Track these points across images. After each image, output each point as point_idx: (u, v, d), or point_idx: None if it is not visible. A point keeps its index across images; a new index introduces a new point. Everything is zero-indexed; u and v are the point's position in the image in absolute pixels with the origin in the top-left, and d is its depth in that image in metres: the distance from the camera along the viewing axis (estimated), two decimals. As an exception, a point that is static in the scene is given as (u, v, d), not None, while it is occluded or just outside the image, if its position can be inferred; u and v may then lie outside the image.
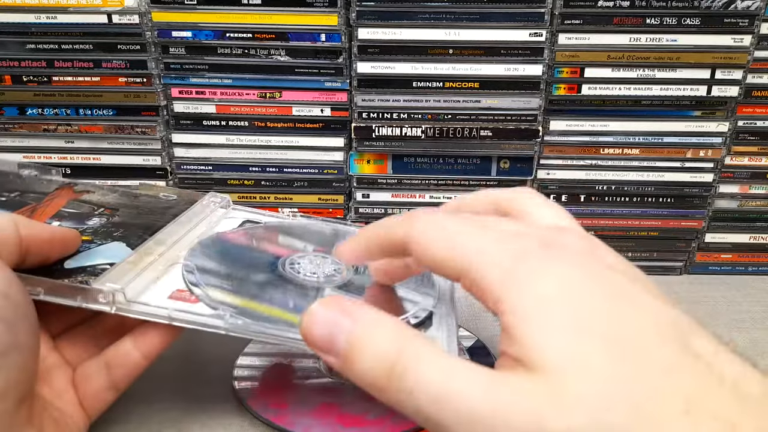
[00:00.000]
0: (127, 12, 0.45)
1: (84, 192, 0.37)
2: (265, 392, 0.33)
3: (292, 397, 0.33)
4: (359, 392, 0.31)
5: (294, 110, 0.48)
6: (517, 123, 0.47)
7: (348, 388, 0.33)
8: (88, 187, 0.38)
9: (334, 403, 0.32)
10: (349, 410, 0.32)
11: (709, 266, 0.53)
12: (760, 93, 0.47)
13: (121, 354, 0.28)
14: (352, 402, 0.32)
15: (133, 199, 0.38)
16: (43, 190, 0.37)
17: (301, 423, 0.31)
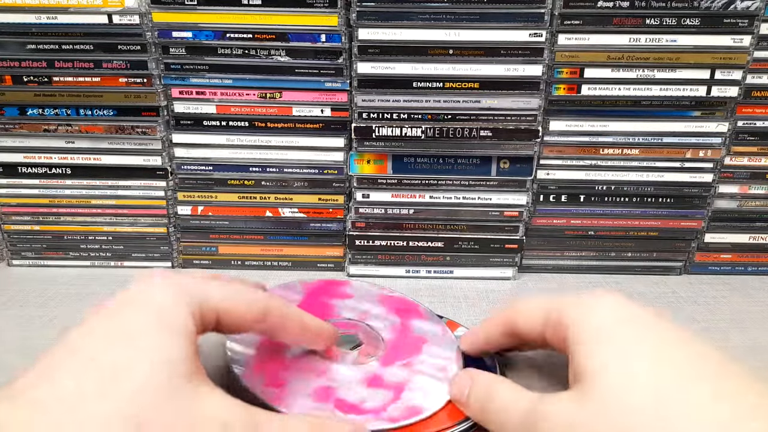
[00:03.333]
0: (128, 12, 0.45)
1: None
2: (260, 372, 0.33)
3: (288, 377, 0.33)
4: (354, 376, 0.33)
5: (294, 110, 0.48)
6: (517, 123, 0.47)
7: (341, 371, 0.33)
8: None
9: (330, 387, 0.32)
10: (346, 396, 0.31)
11: (708, 266, 0.54)
12: (760, 93, 0.47)
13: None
14: (348, 387, 0.32)
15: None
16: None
17: (298, 405, 0.30)
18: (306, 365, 0.33)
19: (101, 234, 0.52)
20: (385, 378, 0.33)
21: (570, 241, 0.53)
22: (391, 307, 0.40)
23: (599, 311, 0.26)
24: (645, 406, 0.22)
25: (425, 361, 0.35)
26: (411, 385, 0.33)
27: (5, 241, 0.53)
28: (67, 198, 0.51)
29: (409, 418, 0.31)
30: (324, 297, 0.40)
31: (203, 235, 0.52)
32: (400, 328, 0.38)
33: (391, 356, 0.35)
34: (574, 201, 0.51)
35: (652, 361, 0.23)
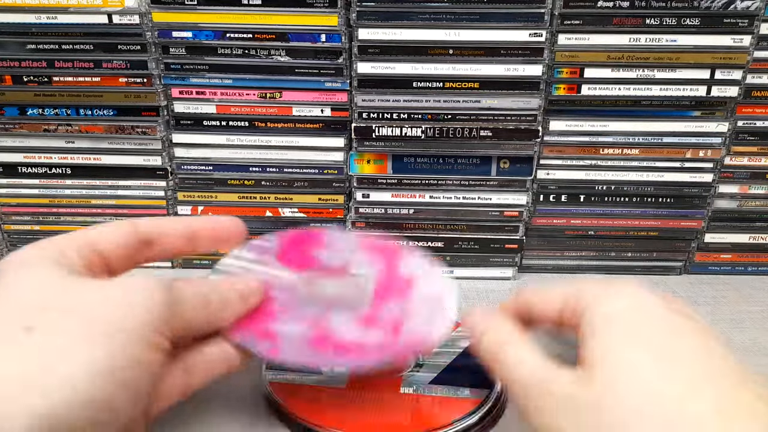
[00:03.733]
0: (128, 12, 0.45)
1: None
2: (247, 328, 0.31)
3: (279, 329, 0.31)
4: (346, 319, 0.32)
5: (294, 110, 0.48)
6: (517, 123, 0.47)
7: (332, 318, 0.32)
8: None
9: (324, 334, 0.31)
10: (344, 338, 0.31)
11: (708, 266, 0.54)
12: (760, 93, 0.47)
13: (205, 362, 0.29)
14: (344, 331, 0.31)
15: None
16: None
17: (296, 355, 0.30)
18: (295, 315, 0.32)
19: (101, 234, 0.52)
20: (381, 316, 0.32)
21: (570, 241, 0.53)
22: (372, 251, 0.38)
23: (615, 299, 0.27)
24: (640, 401, 0.22)
25: (418, 297, 0.34)
26: (410, 321, 0.32)
27: (5, 241, 0.53)
28: (67, 198, 0.51)
29: (414, 351, 0.31)
30: (302, 247, 0.38)
31: (203, 235, 0.52)
32: (386, 270, 0.36)
33: (382, 294, 0.34)
34: (574, 201, 0.51)
35: (655, 354, 0.23)
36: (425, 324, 0.31)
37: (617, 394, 0.23)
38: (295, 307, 0.33)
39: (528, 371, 0.27)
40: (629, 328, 0.25)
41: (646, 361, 0.23)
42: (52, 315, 0.23)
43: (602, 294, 0.27)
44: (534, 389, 0.26)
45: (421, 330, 0.31)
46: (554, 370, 0.26)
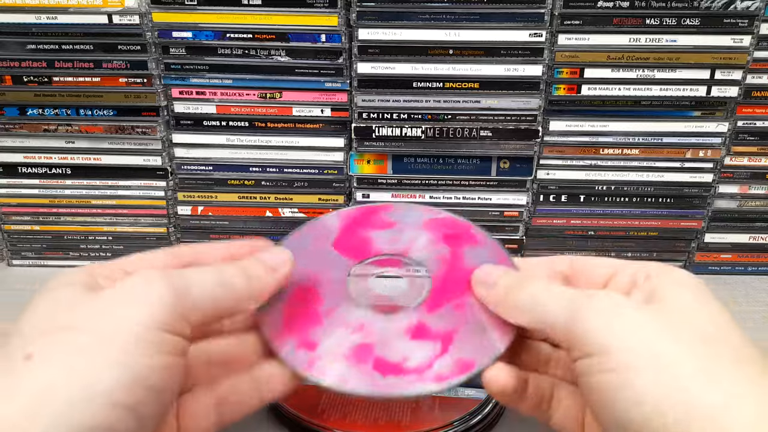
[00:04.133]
0: (128, 12, 0.45)
1: None
2: (289, 332, 0.28)
3: (320, 336, 0.28)
4: (395, 327, 0.28)
5: (294, 110, 0.48)
6: (517, 123, 0.47)
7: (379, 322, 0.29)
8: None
9: (368, 344, 0.28)
10: (386, 354, 0.28)
11: (708, 266, 0.54)
12: (760, 93, 0.47)
13: (237, 393, 0.27)
14: (389, 342, 0.28)
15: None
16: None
17: (333, 372, 0.27)
18: (339, 318, 0.29)
19: (101, 234, 0.52)
20: (432, 326, 0.29)
21: (570, 241, 0.53)
22: (438, 233, 0.34)
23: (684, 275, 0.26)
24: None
25: (479, 304, 0.30)
26: (461, 334, 0.28)
27: (5, 241, 0.53)
28: (67, 198, 0.51)
29: (460, 375, 0.27)
30: (361, 229, 0.34)
31: (203, 235, 0.52)
32: (450, 259, 0.32)
33: (438, 297, 0.30)
34: (574, 201, 0.51)
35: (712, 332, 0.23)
36: (475, 348, 0.27)
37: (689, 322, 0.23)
38: (342, 308, 0.30)
39: (567, 296, 0.25)
40: (698, 294, 0.25)
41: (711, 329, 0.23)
42: (51, 337, 0.21)
43: (668, 268, 0.27)
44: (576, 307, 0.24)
45: (468, 356, 0.27)
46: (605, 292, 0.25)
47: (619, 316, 0.23)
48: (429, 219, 0.34)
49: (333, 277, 0.31)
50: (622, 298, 0.25)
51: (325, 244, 0.33)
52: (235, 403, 0.27)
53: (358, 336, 0.28)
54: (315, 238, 0.33)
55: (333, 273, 0.31)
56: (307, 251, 0.32)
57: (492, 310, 0.28)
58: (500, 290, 0.28)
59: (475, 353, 0.27)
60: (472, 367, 0.27)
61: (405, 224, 0.34)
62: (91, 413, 0.20)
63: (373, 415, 0.33)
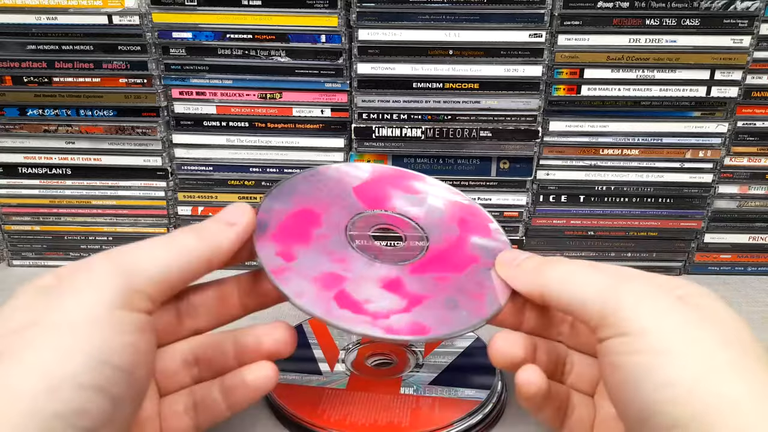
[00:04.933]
0: (128, 13, 0.45)
1: None
2: (277, 239, 0.30)
3: (302, 253, 0.29)
4: (373, 273, 0.30)
5: (294, 111, 0.48)
6: (517, 123, 0.47)
7: (361, 264, 0.30)
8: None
9: (341, 276, 0.29)
10: (353, 291, 0.29)
11: (708, 266, 0.54)
12: (760, 94, 0.47)
13: (209, 400, 0.28)
14: (360, 282, 0.29)
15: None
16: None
17: (296, 285, 0.28)
18: (327, 246, 0.30)
19: (101, 234, 0.53)
20: (407, 285, 0.30)
21: (570, 242, 0.53)
22: (456, 215, 0.35)
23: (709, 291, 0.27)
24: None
25: (463, 285, 0.31)
26: (431, 302, 0.29)
27: (5, 242, 0.53)
28: (67, 198, 0.51)
29: (410, 334, 0.27)
30: (389, 186, 0.35)
31: (203, 235, 0.52)
32: (455, 240, 0.33)
33: (427, 265, 0.31)
34: (573, 201, 0.51)
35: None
36: (436, 320, 0.28)
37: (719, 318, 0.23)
38: (333, 239, 0.31)
39: (600, 277, 0.26)
40: (723, 303, 0.25)
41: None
42: (12, 337, 0.21)
43: (690, 282, 0.27)
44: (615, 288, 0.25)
45: (427, 323, 0.28)
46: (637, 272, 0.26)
47: (654, 298, 0.24)
48: (453, 201, 0.36)
49: (341, 212, 0.33)
50: (657, 282, 0.25)
51: (348, 187, 0.34)
52: (208, 408, 0.28)
53: (336, 266, 0.30)
54: (341, 178, 0.35)
55: (343, 210, 0.33)
56: (329, 185, 0.34)
57: (518, 290, 0.29)
58: (529, 268, 0.29)
59: (434, 323, 0.28)
60: (424, 333, 0.27)
61: (428, 196, 0.35)
62: (61, 399, 0.20)
63: (373, 416, 0.33)
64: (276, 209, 0.31)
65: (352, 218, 0.33)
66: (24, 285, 0.24)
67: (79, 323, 0.22)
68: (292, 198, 0.33)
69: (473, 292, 0.30)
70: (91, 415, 0.21)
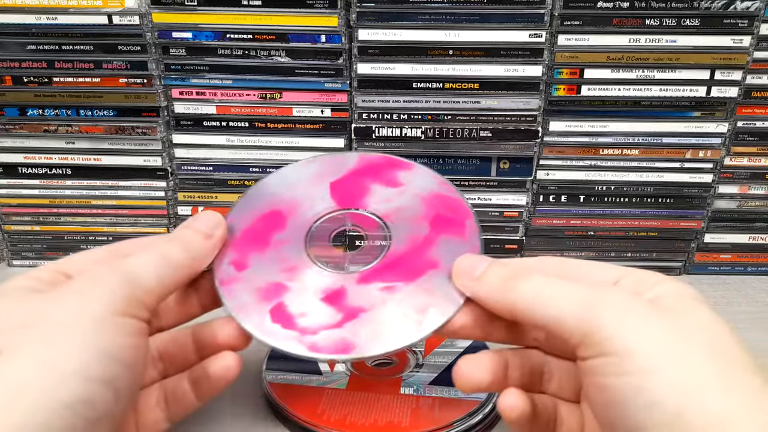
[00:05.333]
0: (128, 13, 0.45)
1: None
2: (239, 242, 0.30)
3: (255, 262, 0.30)
4: (319, 283, 0.29)
5: (294, 111, 0.48)
6: (517, 123, 0.47)
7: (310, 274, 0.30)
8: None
9: (284, 287, 0.29)
10: (290, 303, 0.29)
11: (708, 266, 0.54)
12: (760, 94, 0.47)
13: (179, 393, 0.29)
14: (301, 294, 0.29)
15: None
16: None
17: (238, 297, 0.28)
18: (281, 253, 0.30)
19: (101, 234, 0.53)
20: (349, 297, 0.29)
21: (570, 242, 0.53)
22: (432, 210, 0.32)
23: (688, 288, 0.27)
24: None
25: (411, 293, 0.28)
26: (369, 315, 0.28)
27: (5, 242, 0.53)
28: (67, 198, 0.51)
29: (332, 353, 0.27)
30: (368, 178, 0.34)
31: (203, 235, 0.52)
32: (421, 241, 0.31)
33: (378, 273, 0.30)
34: (573, 201, 0.51)
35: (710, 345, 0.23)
36: (369, 336, 0.27)
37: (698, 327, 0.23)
38: (290, 245, 0.31)
39: (581, 292, 0.24)
40: (703, 306, 0.25)
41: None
42: (13, 334, 0.22)
43: (671, 280, 0.26)
44: (595, 301, 0.23)
45: (355, 340, 0.27)
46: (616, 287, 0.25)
47: (636, 314, 0.23)
48: (435, 194, 0.33)
49: (308, 212, 0.32)
50: (637, 298, 0.24)
51: (325, 180, 0.34)
52: (178, 400, 0.29)
53: (283, 276, 0.30)
54: (323, 171, 0.34)
55: (311, 209, 0.33)
56: (309, 180, 0.34)
57: (483, 304, 0.27)
58: (493, 282, 0.26)
59: (365, 339, 0.27)
60: (347, 351, 0.27)
61: (409, 188, 0.33)
62: (69, 390, 0.21)
63: (373, 416, 0.33)
64: (246, 212, 0.33)
65: (318, 220, 0.32)
66: (8, 281, 0.25)
67: (86, 322, 0.23)
68: (266, 198, 0.33)
69: (419, 305, 0.28)
70: (96, 405, 0.22)
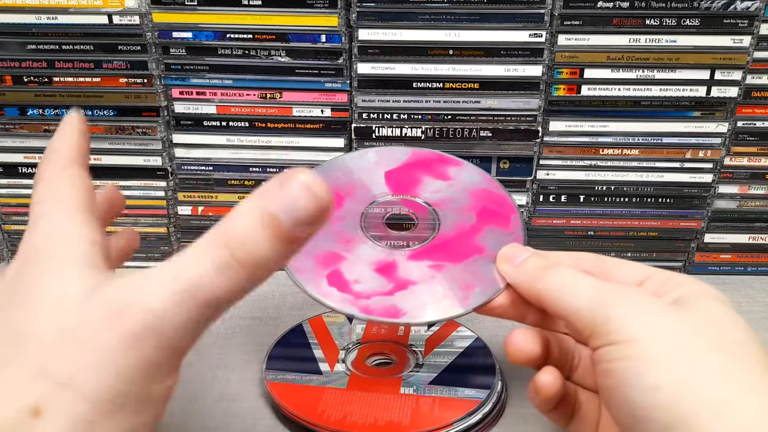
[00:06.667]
0: (128, 13, 0.45)
1: None
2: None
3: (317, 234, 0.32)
4: (371, 255, 0.32)
5: (294, 111, 0.48)
6: (517, 123, 0.47)
7: (364, 247, 0.32)
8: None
9: (340, 256, 0.31)
10: (346, 270, 0.31)
11: (708, 266, 0.54)
12: (760, 93, 0.47)
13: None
14: (355, 263, 0.31)
15: None
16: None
17: (299, 261, 0.30)
18: (338, 226, 0.33)
19: (101, 234, 0.52)
20: (399, 270, 0.31)
21: (570, 241, 0.53)
22: (479, 203, 0.35)
23: (710, 288, 0.27)
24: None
25: (458, 273, 0.31)
26: (417, 288, 0.30)
27: (5, 241, 0.53)
28: (67, 198, 0.51)
29: (382, 316, 0.29)
30: (419, 171, 0.37)
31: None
32: (468, 229, 0.34)
33: (427, 252, 0.33)
34: (574, 201, 0.51)
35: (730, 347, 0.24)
36: (416, 306, 0.30)
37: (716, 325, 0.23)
38: (347, 221, 0.33)
39: (594, 288, 0.26)
40: (725, 306, 0.25)
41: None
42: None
43: (698, 281, 0.27)
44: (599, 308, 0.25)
45: (403, 307, 0.29)
46: (630, 287, 0.26)
47: (646, 309, 0.24)
48: (482, 188, 0.36)
49: (364, 194, 0.35)
50: (649, 296, 0.25)
51: (381, 169, 0.36)
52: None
53: (339, 247, 0.32)
54: (379, 160, 0.37)
55: (368, 193, 0.35)
56: (365, 168, 0.36)
57: (518, 290, 0.29)
58: (529, 270, 0.29)
59: (413, 308, 0.29)
60: (397, 316, 0.29)
61: (458, 182, 0.36)
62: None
63: (373, 416, 0.33)
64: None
65: (372, 202, 0.35)
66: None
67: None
68: (325, 180, 0.34)
69: (465, 283, 0.31)
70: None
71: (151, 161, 0.50)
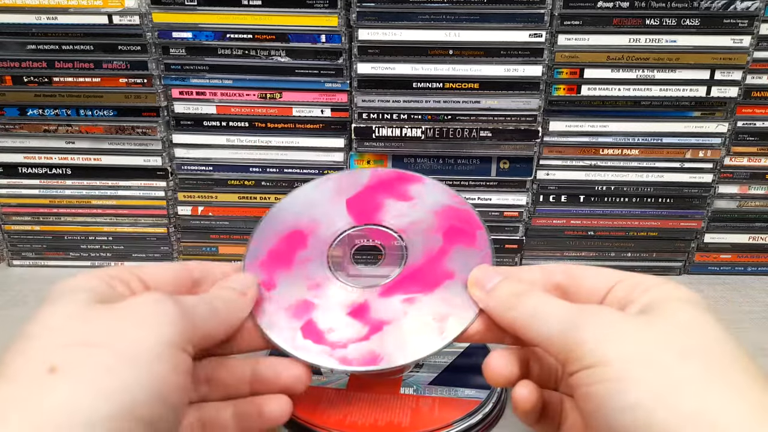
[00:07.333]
0: (128, 13, 0.45)
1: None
2: (265, 263, 0.32)
3: (282, 281, 0.31)
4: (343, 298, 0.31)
5: (294, 111, 0.48)
6: (517, 123, 0.47)
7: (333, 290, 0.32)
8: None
9: (311, 304, 0.31)
10: (319, 320, 0.30)
11: (708, 266, 0.54)
12: (760, 94, 0.47)
13: (218, 423, 0.28)
14: (328, 310, 0.31)
15: None
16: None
17: (269, 316, 0.30)
18: (306, 270, 0.32)
19: (101, 234, 0.53)
20: (372, 310, 0.31)
21: (570, 241, 0.53)
22: (445, 222, 0.34)
23: (683, 291, 0.27)
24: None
25: (431, 303, 0.31)
26: (391, 328, 0.30)
27: (5, 241, 0.53)
28: (67, 198, 0.51)
29: (362, 365, 0.29)
30: (381, 194, 0.36)
31: (203, 235, 0.52)
32: (436, 253, 0.33)
33: (398, 286, 0.32)
34: (573, 201, 0.51)
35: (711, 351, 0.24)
36: (395, 345, 0.29)
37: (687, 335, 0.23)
38: (314, 262, 0.33)
39: (562, 312, 0.25)
40: (695, 308, 0.26)
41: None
42: (73, 351, 0.21)
43: (667, 282, 0.27)
44: (574, 323, 0.25)
45: (382, 351, 0.29)
46: (600, 306, 0.26)
47: (615, 328, 0.24)
48: (446, 207, 0.35)
49: (328, 230, 0.34)
50: (617, 313, 0.25)
51: (342, 198, 0.36)
52: (215, 429, 0.28)
53: (310, 294, 0.31)
54: (339, 188, 0.36)
55: (331, 226, 0.34)
56: (326, 199, 0.36)
57: (491, 317, 0.29)
58: (500, 297, 0.29)
59: (392, 350, 0.29)
60: (375, 363, 0.29)
61: (421, 202, 0.35)
62: (114, 427, 0.20)
63: (373, 416, 0.33)
64: (269, 234, 0.34)
65: (337, 237, 0.34)
66: (78, 279, 0.25)
67: (143, 357, 0.22)
68: (286, 219, 0.35)
69: (439, 314, 0.30)
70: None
71: (151, 161, 0.50)
